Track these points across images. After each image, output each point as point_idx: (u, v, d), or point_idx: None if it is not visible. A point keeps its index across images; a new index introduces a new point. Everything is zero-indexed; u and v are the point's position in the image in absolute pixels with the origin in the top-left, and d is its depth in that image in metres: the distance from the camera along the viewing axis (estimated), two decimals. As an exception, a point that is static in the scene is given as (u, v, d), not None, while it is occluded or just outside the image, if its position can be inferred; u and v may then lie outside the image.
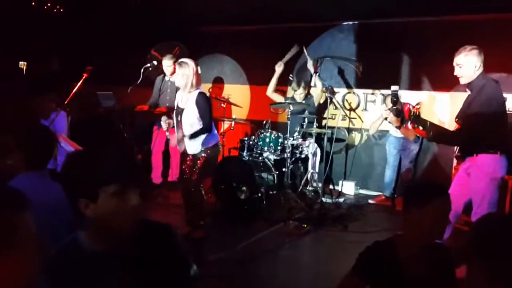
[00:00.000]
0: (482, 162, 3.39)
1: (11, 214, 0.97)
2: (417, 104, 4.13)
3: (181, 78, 4.07)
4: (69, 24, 6.74)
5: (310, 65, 6.02)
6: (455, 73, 3.48)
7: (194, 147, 4.14)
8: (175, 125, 4.31)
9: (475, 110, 3.38)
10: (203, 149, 4.14)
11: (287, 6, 6.13)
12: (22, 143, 1.95)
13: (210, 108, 4.14)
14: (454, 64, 3.47)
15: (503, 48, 5.22)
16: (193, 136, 4.09)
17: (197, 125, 4.11)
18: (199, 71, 4.21)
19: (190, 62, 4.10)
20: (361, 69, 6.35)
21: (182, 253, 1.64)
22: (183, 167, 4.23)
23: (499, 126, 3.39)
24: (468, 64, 3.40)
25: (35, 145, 1.96)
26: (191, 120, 4.11)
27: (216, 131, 4.33)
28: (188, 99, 4.11)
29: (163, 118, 4.48)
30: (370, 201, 6.00)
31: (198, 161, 4.13)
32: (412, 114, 3.69)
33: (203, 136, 4.12)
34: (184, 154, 4.22)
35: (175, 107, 4.30)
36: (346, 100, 6.62)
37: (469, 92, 3.50)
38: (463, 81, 3.47)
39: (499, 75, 5.13)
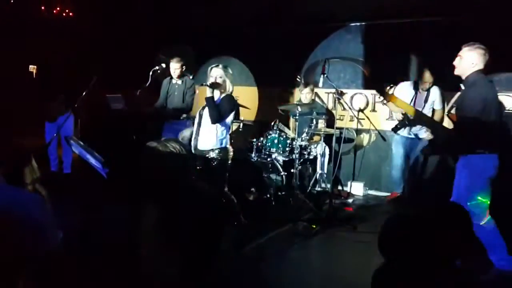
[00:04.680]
0: (471, 162, 3.41)
1: None
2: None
3: (219, 79, 4.20)
4: (78, 26, 6.80)
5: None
6: (454, 62, 3.55)
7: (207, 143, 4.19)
8: (196, 119, 4.35)
9: (464, 106, 3.41)
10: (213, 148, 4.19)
11: (295, 7, 6.15)
12: None
13: (231, 110, 4.24)
14: (458, 54, 3.54)
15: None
16: (212, 105, 4.12)
17: (218, 127, 4.17)
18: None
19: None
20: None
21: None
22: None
23: (487, 125, 3.36)
24: (467, 58, 3.45)
25: None
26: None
27: (229, 137, 4.36)
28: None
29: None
30: (386, 198, 6.00)
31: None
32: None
33: (214, 135, 4.16)
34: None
35: (199, 110, 4.36)
36: (354, 102, 6.61)
37: (462, 88, 3.55)
38: (456, 71, 3.54)
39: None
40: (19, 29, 6.17)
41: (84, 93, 5.05)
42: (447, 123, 4.03)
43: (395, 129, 5.26)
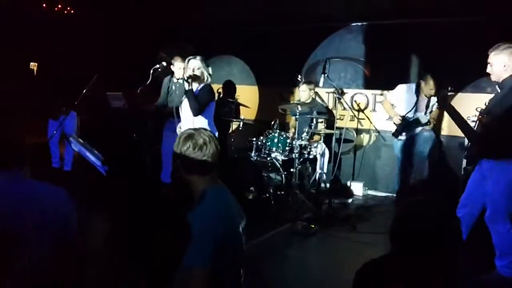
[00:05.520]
0: (503, 167, 3.29)
1: None
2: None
3: (197, 71, 4.25)
4: (79, 24, 6.80)
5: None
6: (487, 71, 3.46)
7: None
8: (175, 116, 4.38)
9: (504, 109, 3.28)
10: None
11: (296, 7, 6.15)
12: None
13: (210, 99, 4.29)
14: (488, 61, 3.45)
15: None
16: (191, 98, 4.15)
17: (200, 119, 4.18)
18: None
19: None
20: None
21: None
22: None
23: None
24: (497, 62, 3.38)
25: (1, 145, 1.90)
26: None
27: (216, 132, 4.36)
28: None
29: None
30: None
31: None
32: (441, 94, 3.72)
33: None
34: None
35: (183, 102, 4.39)
36: (355, 101, 6.62)
37: (498, 91, 3.45)
38: (492, 78, 3.46)
39: None
40: (20, 27, 6.17)
41: (84, 91, 5.06)
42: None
43: (396, 134, 5.21)
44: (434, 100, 5.30)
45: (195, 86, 4.27)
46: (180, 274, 1.95)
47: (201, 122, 4.23)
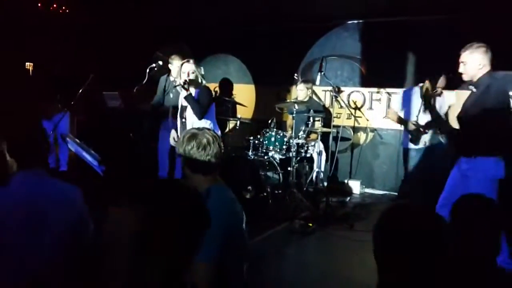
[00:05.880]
0: (483, 165, 3.31)
1: None
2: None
3: (192, 75, 4.23)
4: (75, 23, 6.77)
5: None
6: (459, 70, 3.46)
7: None
8: (179, 124, 4.36)
9: (482, 108, 3.31)
10: None
11: (292, 6, 6.14)
12: (14, 140, 1.93)
13: (211, 100, 4.33)
14: (459, 60, 3.45)
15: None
16: (193, 102, 4.17)
17: (202, 121, 4.19)
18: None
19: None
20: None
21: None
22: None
23: (504, 126, 3.32)
24: (472, 61, 3.38)
25: (22, 142, 1.95)
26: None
27: (219, 131, 4.37)
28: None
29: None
30: None
31: None
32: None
33: None
34: None
35: (179, 107, 4.36)
36: (352, 101, 6.62)
37: (474, 90, 3.45)
38: (465, 78, 3.46)
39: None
40: (15, 26, 6.14)
41: (80, 91, 5.03)
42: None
43: (414, 141, 4.80)
44: (445, 99, 4.98)
45: (193, 90, 4.27)
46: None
47: (205, 124, 4.25)
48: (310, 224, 4.71)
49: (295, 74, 6.48)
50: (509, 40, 5.08)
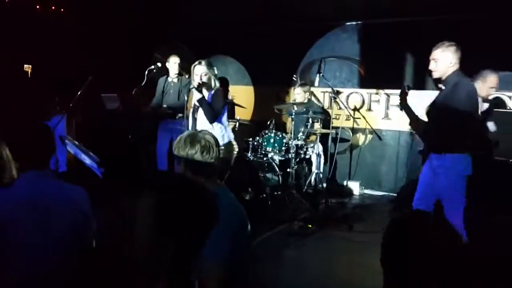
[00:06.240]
0: (452, 161, 3.37)
1: None
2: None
3: (205, 77, 4.18)
4: (73, 26, 6.76)
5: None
6: (429, 67, 3.54)
7: None
8: (190, 123, 4.35)
9: (450, 105, 3.39)
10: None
11: (291, 7, 6.14)
12: (15, 141, 1.94)
13: (224, 104, 4.28)
14: (430, 58, 3.53)
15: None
16: (205, 106, 4.14)
17: (217, 125, 4.20)
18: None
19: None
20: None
21: None
22: None
23: (473, 124, 3.41)
24: (443, 59, 3.45)
25: (30, 144, 1.97)
26: None
27: (231, 131, 4.38)
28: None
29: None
30: None
31: None
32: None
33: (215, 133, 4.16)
34: None
35: (192, 106, 4.37)
36: (353, 106, 6.62)
37: (443, 87, 3.53)
38: (435, 75, 3.52)
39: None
40: (14, 28, 6.13)
41: (79, 93, 5.03)
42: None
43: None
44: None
45: (206, 93, 4.23)
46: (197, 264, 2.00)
47: (218, 127, 4.24)
48: (309, 225, 4.71)
49: (294, 76, 6.49)
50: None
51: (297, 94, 5.98)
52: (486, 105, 4.44)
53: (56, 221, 1.83)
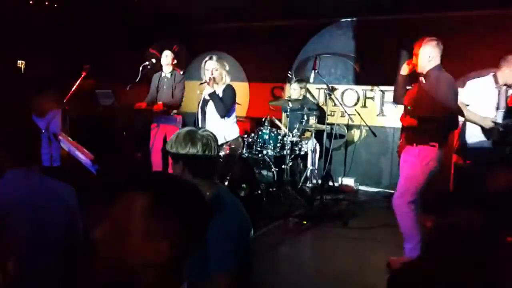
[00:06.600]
0: (420, 153, 3.49)
1: None
2: None
3: (216, 72, 4.21)
4: (67, 21, 6.72)
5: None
6: (412, 62, 3.64)
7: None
8: (199, 116, 4.37)
9: (429, 99, 3.49)
10: (226, 141, 4.21)
11: (286, 4, 6.13)
12: (5, 138, 1.94)
13: (234, 99, 4.32)
14: (413, 53, 3.62)
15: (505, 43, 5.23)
16: (217, 101, 4.14)
17: (226, 120, 4.24)
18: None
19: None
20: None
21: None
22: None
23: (451, 117, 3.50)
24: (422, 54, 3.54)
25: (19, 140, 1.95)
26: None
27: (238, 128, 4.44)
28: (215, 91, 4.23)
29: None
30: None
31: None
32: None
33: (225, 127, 4.20)
34: None
35: (201, 100, 4.39)
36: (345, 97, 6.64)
37: (423, 81, 3.61)
38: (418, 69, 3.61)
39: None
40: (7, 24, 6.08)
41: (73, 89, 5.00)
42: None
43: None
44: None
45: (217, 87, 4.22)
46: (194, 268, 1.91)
47: (227, 122, 4.26)
48: (304, 222, 4.71)
49: (289, 72, 6.48)
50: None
51: (293, 90, 5.98)
52: None
53: (45, 219, 1.82)
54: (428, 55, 3.52)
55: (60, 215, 1.88)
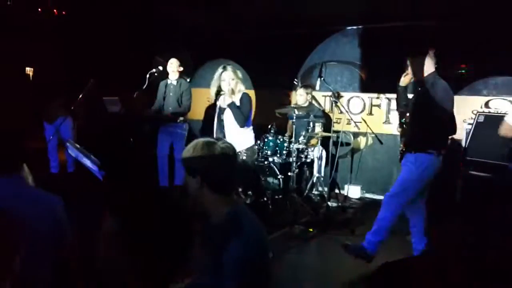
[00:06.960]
0: (417, 159, 3.55)
1: None
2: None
3: (232, 82, 4.19)
4: (75, 29, 6.79)
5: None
6: (407, 71, 3.79)
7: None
8: (216, 125, 4.40)
9: (424, 106, 3.54)
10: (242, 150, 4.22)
11: (292, 11, 6.15)
12: None
13: (251, 107, 4.38)
14: (408, 62, 3.76)
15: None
16: (236, 111, 4.15)
17: (245, 129, 4.27)
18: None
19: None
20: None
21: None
22: None
23: (447, 124, 3.54)
24: (414, 64, 3.68)
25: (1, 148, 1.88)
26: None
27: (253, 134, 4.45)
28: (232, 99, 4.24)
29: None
30: None
31: None
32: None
33: (243, 136, 4.22)
34: None
35: (217, 108, 4.40)
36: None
37: (419, 89, 3.68)
38: (414, 79, 3.74)
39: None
40: (16, 31, 6.15)
41: (81, 96, 5.04)
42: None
43: None
44: None
45: (234, 97, 4.23)
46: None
47: (245, 130, 4.30)
48: (311, 229, 4.70)
49: (295, 80, 6.49)
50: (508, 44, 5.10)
51: (300, 96, 5.99)
52: None
53: (28, 230, 1.71)
54: (419, 64, 3.60)
55: (45, 226, 1.80)
